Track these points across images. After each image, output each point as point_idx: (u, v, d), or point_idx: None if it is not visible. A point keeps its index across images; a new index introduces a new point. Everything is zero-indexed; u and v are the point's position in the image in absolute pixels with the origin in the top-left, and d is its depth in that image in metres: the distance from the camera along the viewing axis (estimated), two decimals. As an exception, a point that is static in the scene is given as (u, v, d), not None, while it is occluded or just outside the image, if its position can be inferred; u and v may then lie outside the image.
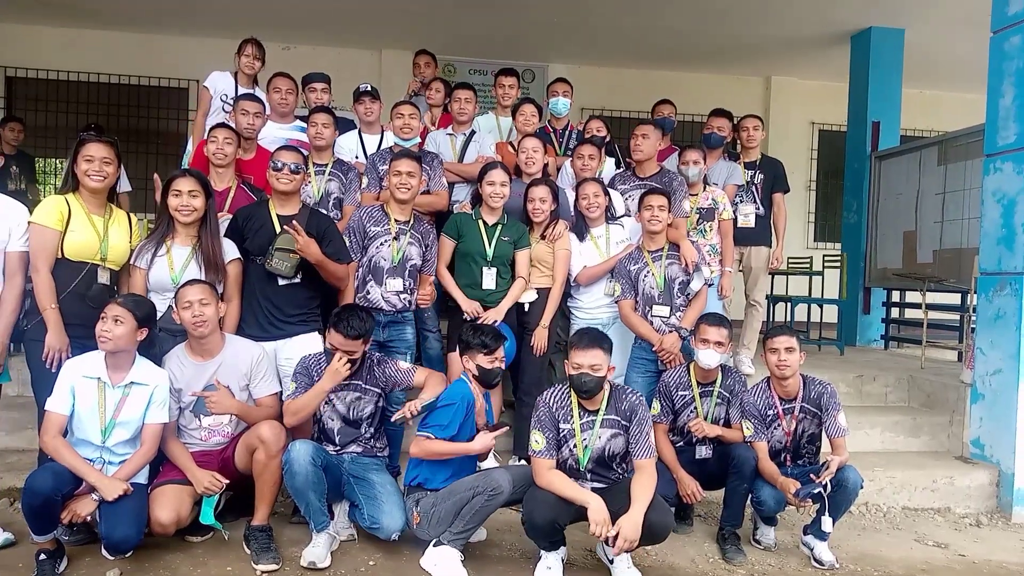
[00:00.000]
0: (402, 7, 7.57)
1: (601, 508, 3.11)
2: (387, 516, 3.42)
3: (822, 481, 3.51)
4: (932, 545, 4.02)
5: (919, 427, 5.13)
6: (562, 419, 3.37)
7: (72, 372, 3.26)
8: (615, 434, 3.36)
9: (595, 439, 3.35)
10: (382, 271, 4.04)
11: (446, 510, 3.35)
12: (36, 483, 3.01)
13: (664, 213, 4.20)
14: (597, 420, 3.35)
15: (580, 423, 3.36)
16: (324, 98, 5.08)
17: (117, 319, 3.20)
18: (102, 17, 8.07)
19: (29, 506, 3.01)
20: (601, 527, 3.07)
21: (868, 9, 7.24)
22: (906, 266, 6.96)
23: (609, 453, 3.37)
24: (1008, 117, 4.69)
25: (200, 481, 3.38)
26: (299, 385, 3.54)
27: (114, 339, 3.21)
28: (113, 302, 3.24)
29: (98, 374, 3.26)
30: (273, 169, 3.82)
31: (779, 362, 3.73)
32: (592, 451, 3.35)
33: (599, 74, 8.90)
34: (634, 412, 3.36)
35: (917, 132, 8.82)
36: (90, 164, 3.46)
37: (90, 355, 3.31)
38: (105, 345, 3.21)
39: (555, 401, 3.40)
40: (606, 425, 3.36)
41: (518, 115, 5.13)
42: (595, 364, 3.26)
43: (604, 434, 3.36)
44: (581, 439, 3.35)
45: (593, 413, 3.37)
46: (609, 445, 3.36)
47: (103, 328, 3.19)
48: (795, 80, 9.56)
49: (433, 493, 3.45)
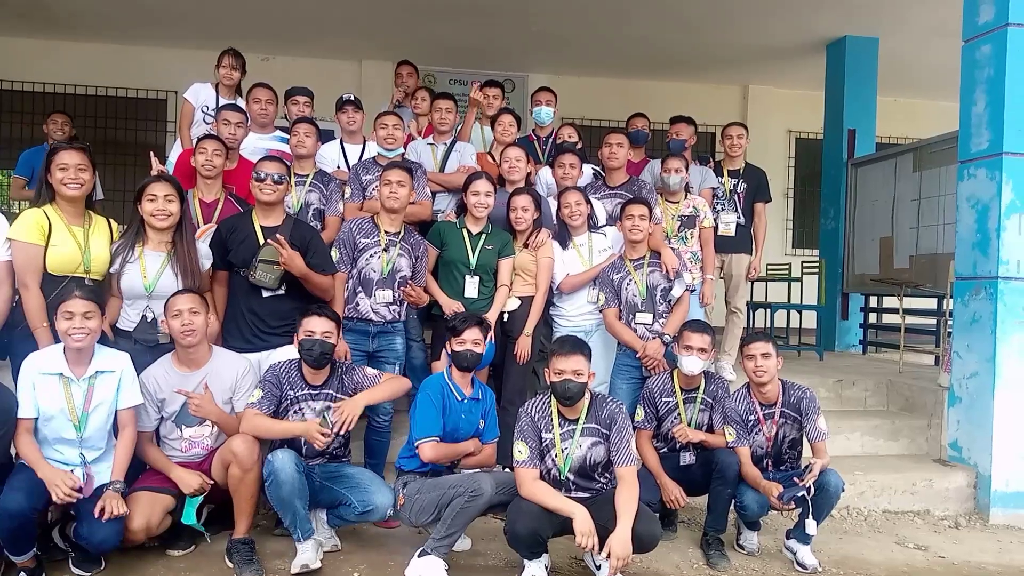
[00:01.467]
0: (382, 18, 7.59)
1: (586, 519, 3.11)
2: (378, 495, 3.46)
3: (805, 484, 3.53)
4: (913, 547, 4.05)
5: (898, 431, 5.19)
6: (544, 428, 3.38)
7: (30, 371, 3.17)
8: (595, 443, 3.37)
9: (575, 448, 3.35)
10: (371, 283, 4.05)
11: (429, 500, 3.37)
12: (9, 505, 2.94)
13: (645, 222, 4.24)
14: (577, 429, 3.36)
15: (560, 432, 3.36)
16: (306, 112, 5.08)
17: (87, 314, 3.13)
18: (79, 28, 8.02)
19: (7, 530, 2.95)
20: (587, 538, 3.06)
21: (843, 19, 7.35)
22: (883, 272, 7.05)
23: (590, 462, 3.37)
24: (981, 124, 4.77)
25: (188, 482, 3.35)
26: (265, 393, 3.48)
27: (91, 334, 3.15)
28: (74, 297, 3.12)
29: (59, 369, 3.17)
30: (256, 180, 3.80)
31: (756, 368, 3.76)
32: (573, 460, 3.35)
33: (578, 84, 8.95)
34: (614, 420, 3.37)
35: (892, 139, 8.95)
36: (65, 172, 3.40)
37: (46, 350, 3.24)
38: (81, 342, 3.13)
39: (536, 411, 3.41)
40: (586, 434, 3.37)
41: (496, 125, 5.18)
42: (577, 370, 3.27)
43: (584, 443, 3.36)
44: (561, 448, 3.36)
45: (573, 422, 3.37)
46: (589, 454, 3.36)
47: (75, 326, 3.10)
48: (772, 89, 9.68)
49: (421, 478, 3.48)
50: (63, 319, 3.12)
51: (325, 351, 3.48)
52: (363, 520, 3.53)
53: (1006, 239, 4.59)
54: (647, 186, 4.88)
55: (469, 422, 3.65)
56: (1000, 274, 4.59)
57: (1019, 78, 4.60)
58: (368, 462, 4.05)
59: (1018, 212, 4.60)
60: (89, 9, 7.52)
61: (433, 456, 3.48)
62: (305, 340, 3.47)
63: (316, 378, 3.57)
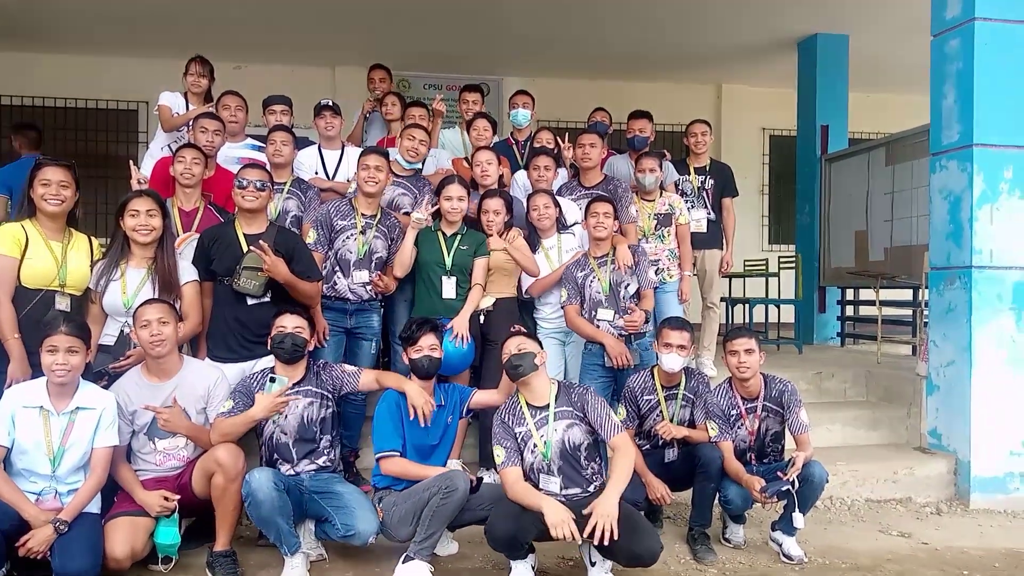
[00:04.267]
0: (355, 23, 7.55)
1: (556, 509, 3.08)
2: (361, 521, 3.38)
3: (789, 478, 3.54)
4: (896, 535, 4.09)
5: (878, 420, 5.25)
6: (515, 424, 3.39)
7: (11, 402, 3.13)
8: (570, 424, 3.38)
9: (552, 432, 3.36)
10: (348, 263, 4.18)
11: (406, 510, 3.37)
12: None
13: (609, 220, 4.25)
14: (550, 415, 3.38)
15: (534, 422, 3.38)
16: (284, 120, 5.04)
17: (72, 349, 3.10)
18: (48, 41, 7.90)
19: None
20: (561, 527, 3.02)
21: (813, 16, 7.42)
22: (859, 264, 7.12)
23: (570, 446, 3.36)
24: (951, 117, 4.84)
25: (150, 505, 3.27)
26: (236, 404, 3.44)
27: (73, 370, 3.12)
28: (59, 333, 3.08)
29: (40, 403, 3.13)
30: (238, 187, 3.78)
31: (739, 363, 3.78)
32: (553, 445, 3.35)
33: (552, 86, 8.95)
34: (585, 400, 3.41)
35: (865, 135, 9.03)
36: (47, 188, 3.40)
37: (31, 383, 3.21)
38: (63, 378, 3.10)
39: (505, 410, 3.45)
40: (560, 417, 3.39)
41: (472, 130, 5.21)
42: (520, 345, 3.38)
43: (559, 426, 3.38)
44: (539, 436, 3.37)
45: (544, 409, 3.40)
46: (566, 436, 3.36)
47: (58, 361, 3.06)
48: (745, 87, 9.74)
49: (397, 492, 3.47)
50: (47, 353, 3.08)
51: (297, 344, 3.48)
52: (345, 542, 3.45)
53: (978, 229, 4.65)
54: (622, 185, 4.90)
55: (435, 430, 3.62)
56: (974, 263, 4.65)
57: (987, 71, 4.67)
58: (345, 433, 4.02)
59: (989, 202, 4.67)
60: (57, 21, 7.42)
61: (394, 472, 3.48)
62: (276, 335, 3.48)
63: (290, 375, 3.53)
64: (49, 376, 3.12)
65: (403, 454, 3.52)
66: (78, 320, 3.33)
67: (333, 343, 4.15)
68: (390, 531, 3.43)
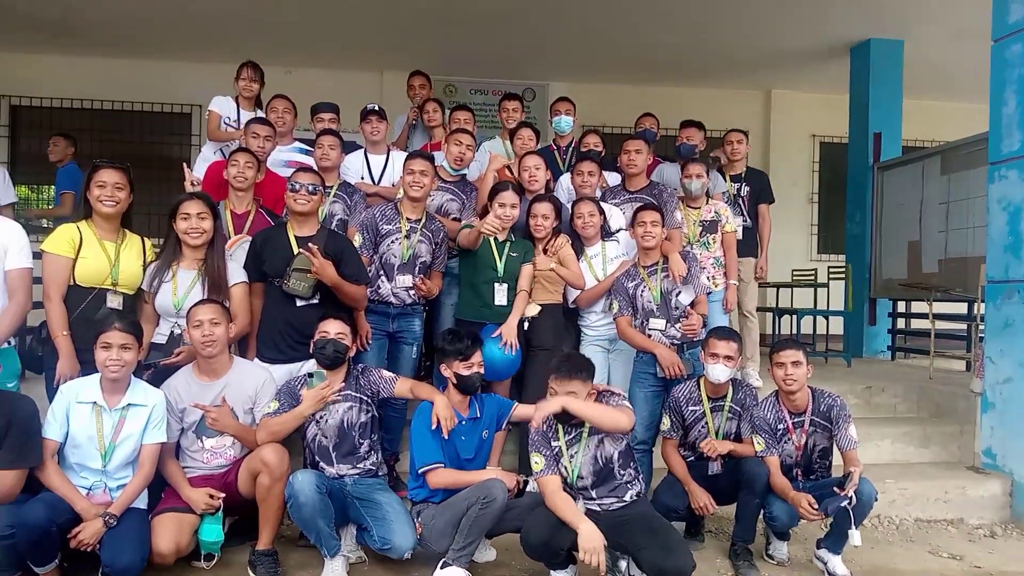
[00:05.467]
0: (402, 29, 7.62)
1: (591, 535, 3.06)
2: (398, 536, 3.37)
3: (847, 494, 3.43)
4: (947, 557, 3.96)
5: (929, 438, 5.09)
6: (552, 437, 3.39)
7: (66, 397, 3.23)
8: (601, 438, 3.38)
9: (584, 450, 3.36)
10: (392, 267, 4.18)
11: (445, 521, 3.36)
12: (29, 516, 2.96)
13: (657, 228, 4.20)
14: (584, 431, 3.38)
15: (565, 440, 3.38)
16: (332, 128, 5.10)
17: (125, 346, 3.19)
18: (101, 44, 8.11)
19: (26, 539, 2.97)
20: (591, 556, 3.01)
21: (867, 21, 7.27)
22: (911, 276, 6.94)
23: (602, 460, 3.37)
24: (1012, 125, 4.68)
25: (196, 502, 3.35)
26: (282, 405, 3.50)
27: (126, 366, 3.20)
28: (113, 329, 3.18)
29: (93, 398, 3.23)
30: (291, 190, 3.85)
31: (786, 376, 3.70)
32: (583, 464, 3.35)
33: (598, 91, 8.93)
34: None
35: (918, 143, 8.83)
36: (102, 190, 3.51)
37: (85, 380, 3.30)
38: (116, 374, 3.19)
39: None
40: (592, 433, 3.38)
41: (516, 139, 5.19)
42: (572, 392, 3.29)
43: (592, 442, 3.37)
44: (569, 455, 3.37)
45: (579, 427, 3.39)
46: (598, 452, 3.38)
47: (111, 357, 3.16)
48: (795, 93, 9.57)
49: (435, 505, 3.47)
50: (101, 349, 3.18)
51: (338, 350, 3.51)
52: (381, 553, 3.45)
53: (1039, 241, 4.50)
54: (667, 190, 4.85)
55: (469, 443, 3.61)
56: (1034, 277, 4.49)
57: (1051, 77, 4.52)
58: (385, 437, 4.05)
59: (1051, 214, 4.51)
60: (111, 26, 7.62)
61: (442, 483, 3.47)
62: (319, 340, 3.51)
63: (332, 382, 3.56)
64: (103, 372, 3.21)
65: (444, 466, 3.51)
66: (131, 318, 3.42)
67: (375, 347, 4.17)
68: (429, 544, 3.40)
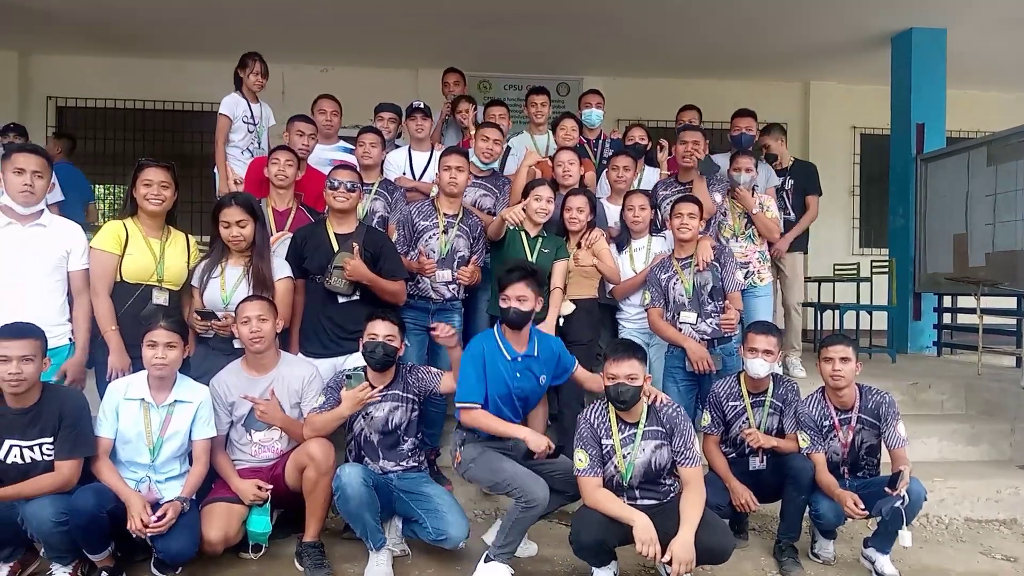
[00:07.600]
0: (437, 26, 7.63)
1: (647, 527, 3.05)
2: (453, 527, 3.41)
3: (899, 493, 3.36)
4: (1000, 558, 3.87)
5: (978, 436, 4.98)
6: (603, 435, 3.31)
7: (116, 395, 3.31)
8: (659, 445, 3.29)
9: (638, 452, 3.28)
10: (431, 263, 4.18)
11: (482, 476, 3.49)
12: (78, 503, 3.04)
13: (694, 221, 4.17)
14: (638, 433, 3.29)
15: (620, 438, 3.30)
16: (391, 128, 5.11)
17: (170, 344, 3.25)
18: (141, 45, 8.24)
19: (77, 526, 3.04)
20: (648, 546, 3.00)
21: (908, 11, 7.11)
22: (957, 270, 6.78)
23: (655, 466, 3.29)
24: (1063, 114, 4.56)
25: (245, 493, 3.41)
26: (328, 399, 3.53)
27: (170, 364, 3.27)
28: (159, 327, 3.25)
29: (141, 395, 3.31)
30: (330, 188, 3.89)
31: (834, 371, 3.63)
32: (636, 466, 3.27)
33: (634, 85, 8.86)
34: (675, 423, 3.30)
35: (963, 133, 8.62)
36: (148, 188, 3.58)
37: (133, 377, 3.38)
38: (162, 371, 3.27)
39: (595, 417, 3.34)
40: (648, 437, 3.29)
41: (559, 130, 5.14)
42: (631, 374, 3.20)
43: (647, 446, 3.28)
44: (622, 454, 3.28)
45: (633, 426, 3.30)
46: (654, 458, 3.28)
47: (156, 355, 3.23)
48: (835, 84, 9.41)
49: (479, 443, 3.51)
50: (147, 347, 3.25)
51: (388, 353, 3.51)
52: (436, 545, 3.48)
53: (1094, 234, 4.37)
54: (720, 181, 4.83)
55: (525, 382, 3.58)
56: (1088, 271, 4.37)
57: (1105, 64, 4.39)
58: (426, 432, 4.03)
59: (1107, 205, 4.38)
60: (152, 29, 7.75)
61: (472, 424, 3.50)
62: (368, 343, 3.52)
63: (380, 381, 3.59)
64: (149, 369, 3.29)
65: (484, 406, 3.51)
66: (176, 316, 3.49)
67: (415, 343, 4.19)
68: (462, 473, 3.56)
